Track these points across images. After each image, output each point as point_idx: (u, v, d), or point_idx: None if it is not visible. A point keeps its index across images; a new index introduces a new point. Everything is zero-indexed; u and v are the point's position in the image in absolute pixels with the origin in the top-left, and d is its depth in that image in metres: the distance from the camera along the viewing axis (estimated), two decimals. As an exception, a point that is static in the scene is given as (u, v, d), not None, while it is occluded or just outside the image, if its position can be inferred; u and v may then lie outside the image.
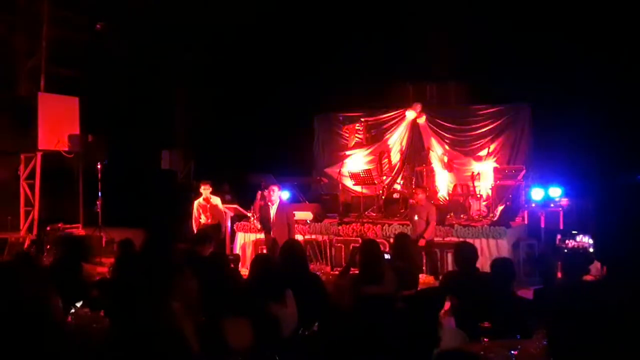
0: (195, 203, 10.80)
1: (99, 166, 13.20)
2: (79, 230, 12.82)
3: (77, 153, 13.46)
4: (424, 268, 9.95)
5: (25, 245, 11.61)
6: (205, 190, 10.68)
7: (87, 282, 5.70)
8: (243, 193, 12.45)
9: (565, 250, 8.04)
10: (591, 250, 8.45)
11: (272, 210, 9.34)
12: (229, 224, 11.73)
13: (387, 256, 6.41)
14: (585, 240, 9.24)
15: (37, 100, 12.42)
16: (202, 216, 10.59)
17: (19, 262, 4.90)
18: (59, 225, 12.25)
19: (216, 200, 10.82)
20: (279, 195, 9.58)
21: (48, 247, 10.51)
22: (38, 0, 12.63)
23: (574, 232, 9.96)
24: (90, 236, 10.85)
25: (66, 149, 12.88)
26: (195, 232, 10.10)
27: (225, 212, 11.32)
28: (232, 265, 7.25)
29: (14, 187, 13.33)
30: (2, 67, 14.64)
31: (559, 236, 9.91)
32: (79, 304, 4.71)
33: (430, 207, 10.01)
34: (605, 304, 2.35)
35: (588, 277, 5.88)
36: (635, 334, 2.22)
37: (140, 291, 3.83)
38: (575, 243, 9.27)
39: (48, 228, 12.04)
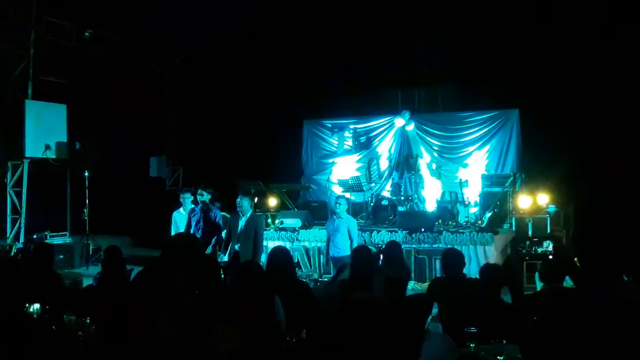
0: (175, 214, 9.52)
1: (86, 174, 13.13)
2: (65, 237, 12.76)
3: (64, 161, 13.40)
4: (412, 275, 9.98)
5: (12, 254, 11.51)
6: (186, 200, 9.46)
7: (65, 288, 5.69)
8: (233, 201, 12.42)
9: (527, 258, 8.03)
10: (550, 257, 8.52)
11: (242, 222, 8.35)
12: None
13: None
14: (551, 246, 9.28)
15: (24, 108, 12.36)
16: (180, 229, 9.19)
17: (4, 267, 4.88)
18: (46, 233, 12.17)
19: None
20: (251, 204, 8.58)
21: (19, 255, 10.19)
22: (26, 6, 12.58)
23: (535, 239, 10.01)
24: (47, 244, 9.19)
25: (54, 156, 12.81)
26: None
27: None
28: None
29: (0, 194, 13.24)
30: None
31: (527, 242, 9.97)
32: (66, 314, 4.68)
33: (350, 220, 9.02)
34: (582, 312, 2.37)
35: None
36: (613, 341, 2.24)
37: (127, 300, 3.81)
38: (543, 249, 9.31)
39: (34, 236, 11.95)
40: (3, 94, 13.28)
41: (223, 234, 8.99)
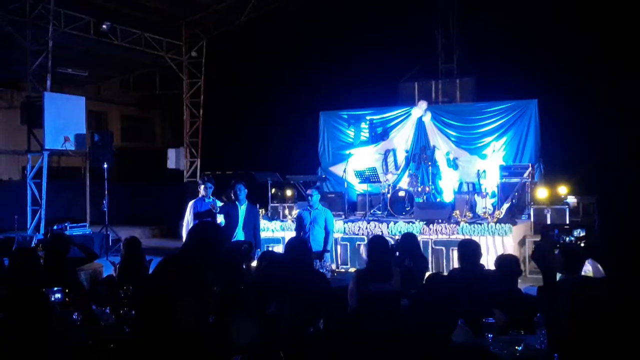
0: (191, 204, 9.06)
1: (105, 165, 13.22)
2: (85, 228, 12.88)
3: (83, 152, 13.52)
4: (430, 266, 9.96)
5: (33, 244, 11.64)
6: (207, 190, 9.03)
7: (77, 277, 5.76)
8: (249, 192, 12.47)
9: (558, 246, 7.89)
10: (582, 245, 8.33)
11: (241, 211, 8.25)
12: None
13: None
14: (582, 234, 9.08)
15: (44, 100, 12.47)
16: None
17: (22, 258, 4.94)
18: (66, 224, 12.29)
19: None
20: (246, 193, 8.40)
21: (39, 246, 10.18)
22: (45, 0, 12.67)
23: (565, 226, 9.83)
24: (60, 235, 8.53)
25: (73, 148, 12.92)
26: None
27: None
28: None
29: (21, 186, 13.39)
30: (11, 66, 14.75)
31: (556, 231, 9.80)
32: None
33: (327, 211, 8.48)
34: (607, 302, 2.34)
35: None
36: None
37: (150, 289, 3.84)
38: (573, 238, 9.13)
39: (55, 227, 12.07)
40: (23, 87, 13.42)
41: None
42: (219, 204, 9.00)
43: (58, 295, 4.69)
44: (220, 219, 8.46)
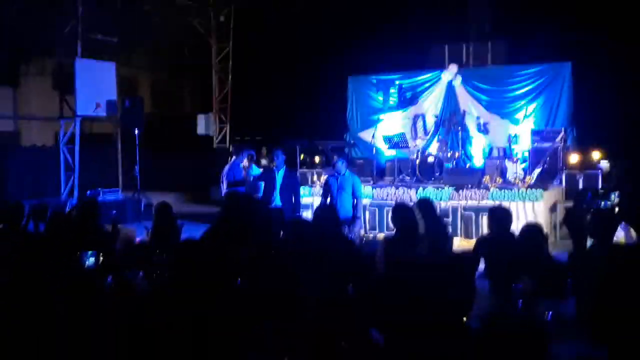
0: (225, 170, 9.30)
1: (136, 131, 13.34)
2: (117, 194, 13.08)
3: (114, 118, 13.65)
4: (459, 232, 9.95)
5: (67, 209, 11.88)
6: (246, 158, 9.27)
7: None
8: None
9: (592, 210, 7.77)
10: (617, 210, 8.11)
11: (279, 176, 8.28)
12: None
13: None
14: (616, 200, 8.85)
15: (75, 66, 12.57)
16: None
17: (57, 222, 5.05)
18: (99, 189, 12.49)
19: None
20: (284, 159, 8.41)
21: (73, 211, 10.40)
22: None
23: (600, 190, 9.59)
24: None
25: (104, 114, 13.05)
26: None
27: None
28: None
29: (54, 152, 13.62)
30: (41, 33, 14.85)
31: (589, 195, 9.60)
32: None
33: (354, 177, 8.29)
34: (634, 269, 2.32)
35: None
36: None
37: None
38: (608, 202, 8.90)
39: (88, 192, 12.29)
40: (54, 53, 13.52)
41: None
42: (257, 170, 9.10)
43: (92, 259, 4.79)
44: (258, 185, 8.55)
